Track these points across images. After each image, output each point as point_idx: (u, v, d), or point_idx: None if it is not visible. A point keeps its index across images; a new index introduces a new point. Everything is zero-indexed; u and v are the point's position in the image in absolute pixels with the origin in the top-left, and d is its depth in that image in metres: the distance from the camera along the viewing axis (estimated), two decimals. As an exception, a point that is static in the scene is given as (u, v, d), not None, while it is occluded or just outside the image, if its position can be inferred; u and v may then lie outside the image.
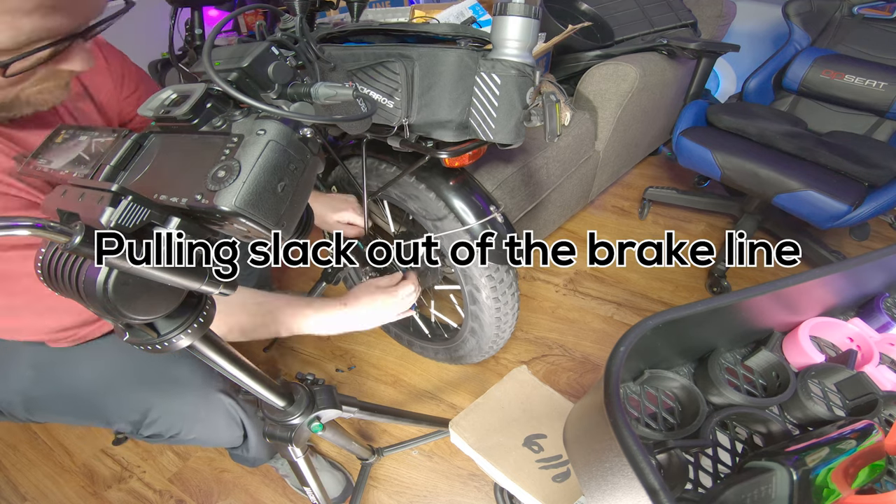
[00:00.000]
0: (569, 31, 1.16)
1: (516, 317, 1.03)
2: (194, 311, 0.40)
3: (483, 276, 0.91)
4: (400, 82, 0.68)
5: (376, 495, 1.04)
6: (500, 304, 0.95)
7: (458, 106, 0.67)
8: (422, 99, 0.69)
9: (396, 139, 0.76)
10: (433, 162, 0.82)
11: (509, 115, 0.65)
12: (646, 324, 0.39)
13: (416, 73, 0.68)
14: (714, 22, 1.80)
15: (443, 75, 0.67)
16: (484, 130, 0.67)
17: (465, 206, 0.87)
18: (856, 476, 0.38)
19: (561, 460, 0.78)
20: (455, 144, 0.73)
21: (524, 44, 0.61)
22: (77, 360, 0.70)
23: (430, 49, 0.67)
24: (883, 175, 1.18)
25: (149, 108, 0.35)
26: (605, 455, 0.35)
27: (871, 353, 0.51)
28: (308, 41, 0.50)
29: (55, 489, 1.08)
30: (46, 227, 0.26)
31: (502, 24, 0.61)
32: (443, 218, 0.89)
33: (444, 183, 0.88)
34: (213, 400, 0.75)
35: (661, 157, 2.18)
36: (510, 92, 0.64)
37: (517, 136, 0.67)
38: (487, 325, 0.99)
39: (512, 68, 0.62)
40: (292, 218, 0.34)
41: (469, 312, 1.00)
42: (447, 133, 0.70)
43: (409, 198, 0.92)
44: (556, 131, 0.65)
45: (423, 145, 0.74)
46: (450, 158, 0.73)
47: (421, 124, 0.71)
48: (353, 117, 0.39)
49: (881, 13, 1.50)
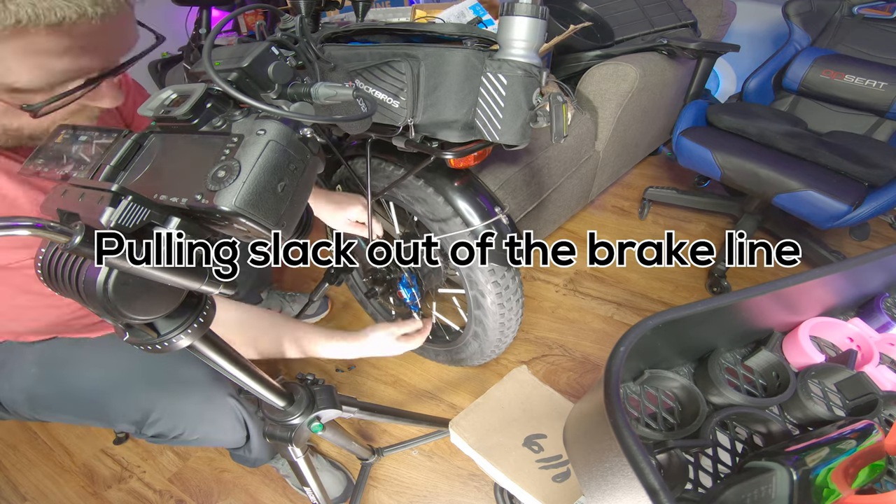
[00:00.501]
0: (569, 32, 1.16)
1: (520, 322, 1.02)
2: (194, 312, 0.40)
3: (489, 282, 0.90)
4: (406, 82, 0.68)
5: (376, 495, 1.04)
6: (505, 309, 0.95)
7: (463, 106, 0.67)
8: (427, 99, 0.68)
9: (401, 139, 0.75)
10: (438, 163, 0.82)
11: (515, 116, 0.65)
12: (646, 324, 0.39)
13: (422, 72, 0.67)
14: (714, 22, 1.80)
15: (449, 75, 0.66)
16: (490, 131, 0.67)
17: (470, 207, 0.87)
18: (856, 476, 0.38)
19: (561, 460, 0.78)
20: (460, 145, 0.72)
21: (531, 44, 0.61)
22: (83, 359, 0.70)
23: (436, 49, 0.66)
24: (883, 175, 1.18)
25: (149, 108, 0.35)
26: (605, 455, 0.35)
27: (871, 353, 0.51)
28: (308, 41, 0.50)
29: (55, 489, 1.08)
30: (46, 227, 0.26)
31: (509, 25, 0.60)
32: (447, 219, 0.88)
33: (449, 184, 0.88)
34: (219, 402, 0.75)
35: (661, 157, 2.18)
36: (516, 92, 0.63)
37: (523, 137, 0.66)
38: (491, 330, 0.99)
39: (518, 69, 0.62)
40: (292, 218, 0.34)
41: (473, 317, 1.00)
42: (453, 134, 0.70)
43: (414, 199, 0.91)
44: (563, 132, 0.65)
45: (428, 146, 0.74)
46: (455, 159, 0.73)
47: (426, 124, 0.70)
48: (353, 117, 0.39)
49: (881, 13, 1.50)
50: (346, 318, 1.45)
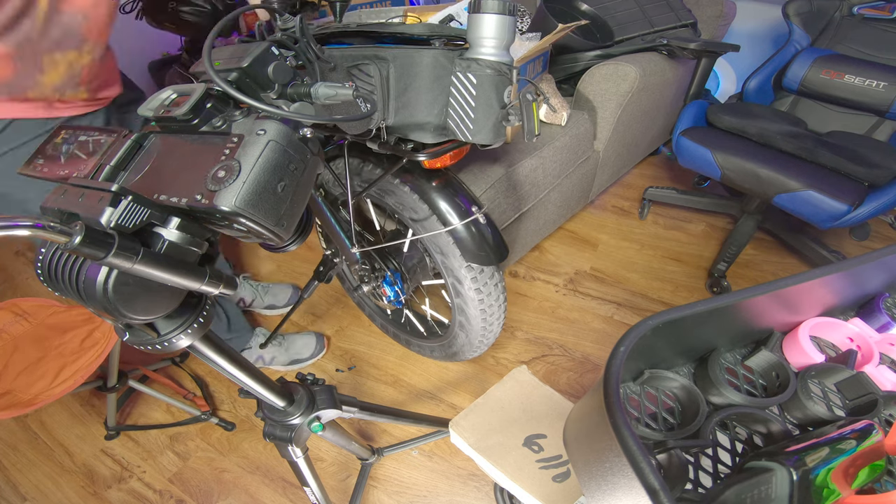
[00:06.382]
0: (562, 30, 1.16)
1: (504, 310, 1.03)
2: (194, 312, 0.40)
3: (462, 267, 0.91)
4: (375, 84, 0.67)
5: (376, 495, 1.04)
6: (483, 295, 0.95)
7: (435, 107, 0.67)
8: (398, 101, 0.68)
9: (375, 142, 0.75)
10: (415, 163, 0.82)
11: (487, 115, 0.64)
12: (646, 324, 0.39)
13: (392, 74, 0.67)
14: (714, 22, 1.80)
15: (418, 76, 0.66)
16: (462, 131, 0.66)
17: (449, 206, 0.87)
18: (856, 476, 0.38)
19: (561, 460, 0.78)
20: (435, 146, 0.72)
21: (500, 42, 0.60)
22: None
23: (404, 50, 0.66)
24: (883, 175, 1.18)
25: (149, 108, 0.35)
26: (605, 455, 0.35)
27: (871, 353, 0.51)
28: (308, 41, 0.50)
29: (55, 489, 1.08)
30: (46, 228, 0.26)
31: (477, 23, 0.60)
32: (426, 218, 0.89)
33: (427, 184, 0.88)
34: None
35: (661, 157, 2.18)
36: (487, 91, 0.63)
37: (496, 136, 0.66)
38: (474, 318, 1.00)
39: (488, 68, 0.61)
40: (292, 218, 0.34)
41: (455, 306, 1.01)
42: (425, 135, 0.69)
43: (395, 200, 0.92)
44: (535, 131, 0.64)
45: (401, 147, 0.74)
46: (429, 160, 0.73)
47: (399, 126, 0.70)
48: (353, 117, 0.39)
49: (881, 13, 1.50)
50: (341, 314, 1.45)
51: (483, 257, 0.88)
